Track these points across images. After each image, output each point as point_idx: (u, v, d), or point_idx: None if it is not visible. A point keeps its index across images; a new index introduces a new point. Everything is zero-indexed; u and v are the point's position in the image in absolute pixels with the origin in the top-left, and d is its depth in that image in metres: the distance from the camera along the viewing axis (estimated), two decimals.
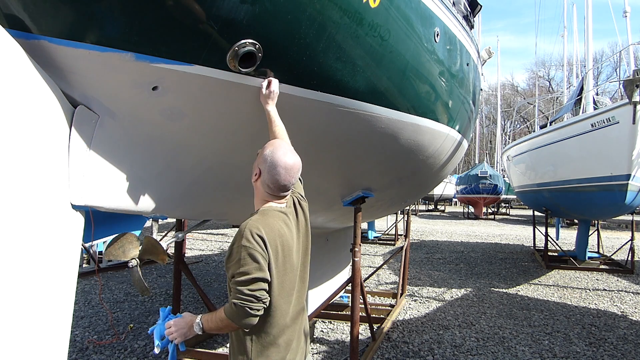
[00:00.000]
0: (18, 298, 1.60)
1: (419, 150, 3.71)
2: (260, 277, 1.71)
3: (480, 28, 20.03)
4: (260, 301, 1.71)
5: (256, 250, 1.71)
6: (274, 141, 1.96)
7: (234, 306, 1.70)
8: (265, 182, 1.86)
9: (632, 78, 6.55)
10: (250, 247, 1.70)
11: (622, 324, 5.82)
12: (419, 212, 31.17)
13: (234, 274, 1.71)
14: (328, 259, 5.54)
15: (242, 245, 1.71)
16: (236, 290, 1.69)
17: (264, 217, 1.82)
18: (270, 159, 1.85)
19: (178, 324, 1.84)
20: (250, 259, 1.70)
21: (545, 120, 17.04)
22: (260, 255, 1.71)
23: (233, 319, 1.72)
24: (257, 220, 1.79)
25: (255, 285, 1.70)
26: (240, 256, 1.70)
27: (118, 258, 2.45)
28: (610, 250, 12.28)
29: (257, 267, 1.70)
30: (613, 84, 28.17)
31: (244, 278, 1.69)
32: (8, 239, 1.56)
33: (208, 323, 1.80)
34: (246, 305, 1.68)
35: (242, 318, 1.70)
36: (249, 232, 1.73)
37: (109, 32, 1.74)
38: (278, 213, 1.88)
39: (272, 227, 1.79)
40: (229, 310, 1.73)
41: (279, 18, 1.97)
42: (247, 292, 1.68)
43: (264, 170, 1.86)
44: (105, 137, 2.00)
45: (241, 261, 1.70)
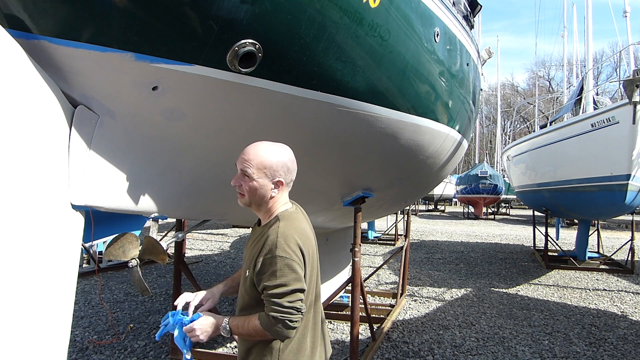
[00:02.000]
0: (18, 298, 1.60)
1: (419, 150, 3.71)
2: (299, 288, 1.64)
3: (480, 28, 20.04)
4: (300, 312, 1.65)
5: (294, 260, 1.63)
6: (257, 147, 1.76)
7: (272, 319, 1.62)
8: (287, 184, 1.79)
9: (632, 78, 6.54)
10: (287, 257, 1.62)
11: (622, 324, 5.82)
12: (419, 212, 31.17)
13: (268, 285, 1.62)
14: (328, 259, 5.54)
15: (278, 256, 1.62)
16: (273, 302, 1.62)
17: (292, 222, 1.74)
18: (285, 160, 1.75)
19: (204, 326, 1.74)
20: (288, 270, 1.62)
21: (545, 120, 17.04)
22: (298, 266, 1.65)
23: (271, 331, 1.64)
24: (289, 228, 1.70)
25: (294, 297, 1.63)
26: (275, 267, 1.62)
27: (118, 258, 2.45)
28: (610, 250, 12.28)
29: (296, 278, 1.63)
30: (613, 84, 28.21)
31: (282, 290, 1.61)
32: (8, 239, 1.56)
33: (238, 329, 1.71)
34: (286, 318, 1.61)
35: (282, 331, 1.63)
36: (284, 242, 1.64)
37: (109, 32, 1.74)
38: (298, 214, 1.82)
39: (303, 232, 1.74)
40: (266, 322, 1.64)
41: (279, 18, 1.97)
42: (286, 305, 1.61)
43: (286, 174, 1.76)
44: (105, 137, 2.00)
45: (277, 272, 1.62)
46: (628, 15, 13.41)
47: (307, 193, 3.62)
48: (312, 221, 2.25)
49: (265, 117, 2.42)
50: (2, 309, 1.54)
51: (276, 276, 1.61)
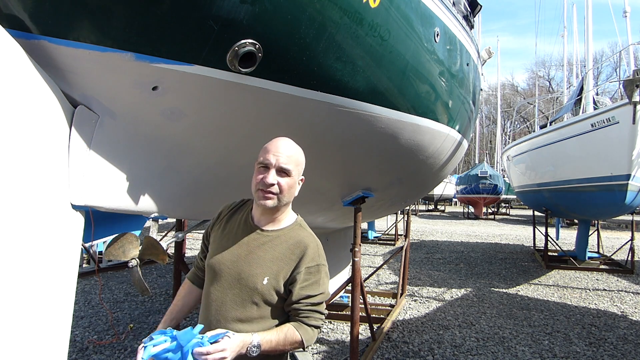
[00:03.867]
0: (18, 298, 1.60)
1: (419, 150, 3.71)
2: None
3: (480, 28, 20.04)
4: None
5: (327, 266, 1.66)
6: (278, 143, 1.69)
7: (314, 328, 1.59)
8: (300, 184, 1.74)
9: (632, 78, 6.54)
10: (325, 265, 1.64)
11: (622, 324, 5.82)
12: (419, 212, 31.17)
13: (312, 295, 1.58)
14: (328, 259, 5.52)
15: (321, 265, 1.62)
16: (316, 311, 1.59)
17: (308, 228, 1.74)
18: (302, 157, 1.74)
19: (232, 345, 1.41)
20: (326, 277, 1.63)
21: (545, 120, 17.04)
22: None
23: (308, 342, 1.59)
24: (313, 234, 1.71)
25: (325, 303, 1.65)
26: (320, 276, 1.61)
27: (118, 258, 2.45)
28: (610, 250, 12.28)
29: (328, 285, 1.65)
30: (613, 84, 28.16)
31: (323, 298, 1.61)
32: (8, 239, 1.56)
33: (271, 344, 1.51)
34: (321, 325, 1.62)
35: (314, 338, 1.62)
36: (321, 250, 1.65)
37: (109, 32, 1.75)
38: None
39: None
40: (309, 334, 1.59)
41: (279, 18, 1.97)
42: (324, 312, 1.63)
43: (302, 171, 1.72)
44: (105, 137, 2.00)
45: (320, 281, 1.60)
46: (628, 15, 13.42)
47: (307, 193, 3.62)
48: (313, 221, 2.25)
49: (265, 117, 2.42)
50: (2, 309, 1.54)
51: (319, 284, 1.60)
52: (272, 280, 1.57)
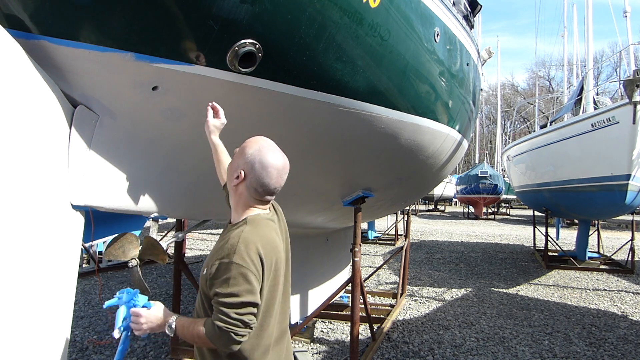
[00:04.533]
0: (18, 298, 1.60)
1: (419, 150, 3.71)
2: (251, 302, 1.50)
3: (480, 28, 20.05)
4: (248, 326, 1.52)
5: (250, 270, 1.50)
6: (257, 138, 1.72)
7: (217, 328, 1.49)
8: (252, 185, 1.64)
9: (632, 78, 6.55)
10: (244, 266, 1.49)
11: (622, 324, 5.82)
12: (419, 212, 31.17)
13: (219, 293, 1.49)
14: (328, 259, 5.54)
15: (234, 263, 1.49)
16: (220, 311, 1.49)
17: (257, 229, 1.61)
18: (259, 160, 1.63)
19: (149, 317, 1.60)
20: (242, 279, 1.48)
21: (545, 120, 17.05)
22: (254, 277, 1.51)
23: (214, 341, 1.51)
24: (252, 233, 1.57)
25: (244, 310, 1.50)
26: (230, 274, 1.48)
27: (118, 258, 2.45)
28: (610, 250, 12.28)
29: (249, 290, 1.49)
30: (613, 84, 28.18)
31: (232, 300, 1.48)
32: (8, 239, 1.56)
33: (183, 330, 1.58)
34: (231, 331, 1.48)
35: (225, 343, 1.50)
36: (244, 248, 1.51)
37: (109, 32, 1.75)
38: (268, 222, 1.69)
39: (268, 241, 1.60)
40: (211, 331, 1.51)
41: (279, 18, 1.97)
42: (233, 316, 1.48)
43: (250, 172, 1.63)
44: (105, 137, 2.00)
45: (230, 280, 1.48)
46: (628, 15, 13.42)
47: (307, 193, 3.62)
48: (312, 221, 2.24)
49: (265, 117, 2.42)
50: (3, 309, 1.54)
51: (229, 284, 1.48)
52: (207, 271, 1.58)
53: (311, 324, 4.92)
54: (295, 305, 4.70)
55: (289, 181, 3.40)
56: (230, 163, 1.75)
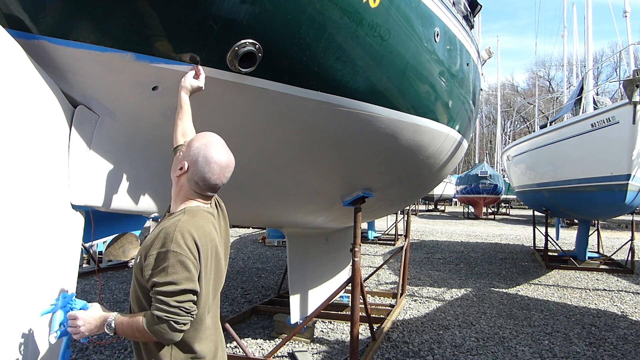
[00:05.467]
0: (18, 298, 1.60)
1: (419, 150, 3.71)
2: (190, 289, 1.49)
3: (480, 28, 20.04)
4: (189, 314, 1.50)
5: (187, 257, 1.49)
6: (205, 133, 1.72)
7: (156, 319, 1.47)
8: (193, 179, 1.64)
9: (632, 78, 6.54)
10: (181, 253, 1.48)
11: (622, 324, 5.82)
12: (419, 212, 31.16)
13: (158, 282, 1.47)
14: (328, 259, 5.54)
15: (171, 251, 1.47)
16: (159, 300, 1.46)
17: (194, 219, 1.60)
18: (203, 154, 1.63)
19: (86, 319, 1.56)
20: (180, 267, 1.47)
21: (545, 120, 17.04)
22: (192, 264, 1.50)
23: (154, 332, 1.48)
24: (188, 222, 1.56)
25: (184, 297, 1.48)
26: (167, 263, 1.47)
27: (118, 258, 2.46)
28: (610, 250, 12.28)
29: (188, 277, 1.48)
30: (613, 84, 28.17)
31: (171, 288, 1.46)
32: (8, 239, 1.56)
33: (122, 327, 1.54)
34: (171, 319, 1.46)
35: (166, 333, 1.48)
36: (180, 236, 1.50)
37: (109, 32, 1.75)
38: (206, 214, 1.67)
39: (204, 231, 1.59)
40: (151, 323, 1.48)
41: (279, 18, 1.97)
42: (173, 304, 1.46)
43: (193, 166, 1.63)
44: (105, 137, 2.01)
45: (169, 269, 1.46)
46: (628, 15, 13.42)
47: (307, 193, 3.62)
48: (312, 221, 2.24)
49: (265, 117, 2.43)
50: (3, 308, 1.54)
51: (167, 273, 1.47)
52: (140, 260, 1.56)
53: (311, 324, 4.92)
54: (295, 305, 4.71)
55: (289, 181, 3.41)
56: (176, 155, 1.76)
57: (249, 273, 8.72)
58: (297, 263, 4.78)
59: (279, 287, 6.63)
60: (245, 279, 8.10)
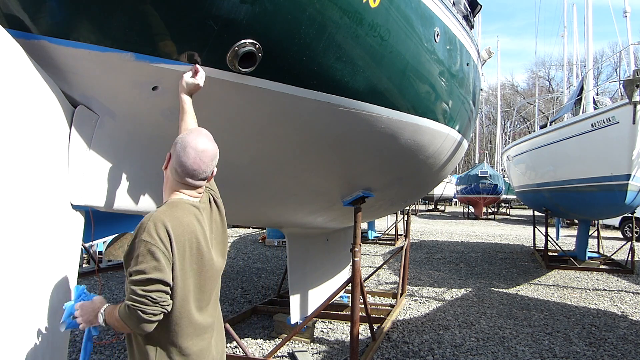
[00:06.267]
0: (18, 298, 1.60)
1: (419, 150, 3.71)
2: (158, 279, 1.48)
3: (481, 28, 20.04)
4: (157, 304, 1.48)
5: (157, 247, 1.49)
6: (194, 127, 1.79)
7: (126, 308, 1.48)
8: (173, 166, 1.66)
9: (632, 78, 6.54)
10: (151, 242, 1.48)
11: (622, 324, 5.82)
12: (419, 212, 31.16)
13: (130, 272, 1.49)
14: (328, 259, 5.54)
15: (142, 240, 1.48)
16: (130, 290, 1.47)
17: (172, 210, 1.60)
18: (181, 141, 1.66)
19: (85, 308, 1.62)
20: (149, 255, 1.47)
21: (545, 120, 17.03)
22: (162, 253, 1.49)
23: (126, 321, 1.50)
24: (164, 213, 1.57)
25: (151, 287, 1.47)
26: (138, 252, 1.48)
27: (118, 258, 2.46)
28: (610, 250, 12.28)
29: (156, 267, 1.48)
30: (613, 84, 28.19)
31: (139, 277, 1.46)
32: (8, 239, 1.56)
33: (109, 318, 1.57)
34: (138, 308, 1.45)
35: (135, 322, 1.48)
36: (152, 225, 1.51)
37: (109, 32, 1.75)
38: (189, 206, 1.66)
39: (180, 221, 1.58)
40: (122, 312, 1.50)
41: (279, 18, 1.97)
42: (140, 293, 1.45)
43: (173, 153, 1.67)
44: (105, 137, 2.01)
45: (139, 258, 1.47)
46: (628, 15, 13.40)
47: (307, 193, 3.62)
48: (312, 221, 2.24)
49: (265, 117, 2.43)
50: (3, 308, 1.54)
51: (137, 262, 1.48)
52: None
53: (311, 323, 4.92)
54: (295, 305, 4.71)
55: (289, 181, 3.41)
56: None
57: (249, 273, 8.72)
58: (297, 263, 4.78)
59: (279, 287, 6.63)
60: (245, 279, 8.11)
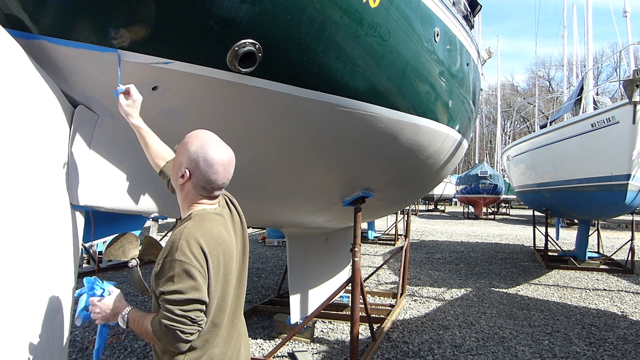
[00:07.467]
0: (18, 298, 1.60)
1: (419, 150, 3.71)
2: (196, 299, 1.46)
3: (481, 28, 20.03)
4: (195, 323, 1.47)
5: (193, 265, 1.46)
6: (198, 133, 1.64)
7: (163, 327, 1.45)
8: (199, 184, 1.59)
9: (632, 78, 6.54)
10: (186, 262, 1.45)
11: (622, 324, 5.82)
12: (419, 212, 31.16)
13: (164, 291, 1.45)
14: (328, 259, 5.54)
15: (177, 260, 1.45)
16: (166, 309, 1.45)
17: (201, 224, 1.55)
18: (203, 157, 1.56)
19: (104, 307, 1.60)
20: (186, 275, 1.45)
21: (545, 120, 17.03)
22: (198, 272, 1.47)
23: (161, 339, 1.48)
24: (195, 228, 1.52)
25: (190, 307, 1.45)
26: (173, 272, 1.45)
27: (118, 258, 2.45)
28: (610, 250, 12.28)
29: (193, 287, 1.45)
30: (613, 84, 28.19)
31: (177, 297, 1.44)
32: (8, 239, 1.56)
33: (134, 324, 1.55)
34: (177, 329, 1.44)
35: (172, 342, 1.47)
36: (185, 244, 1.47)
37: (109, 32, 1.74)
38: (215, 216, 1.62)
39: (212, 235, 1.54)
40: (158, 329, 1.47)
41: (279, 18, 1.97)
42: (178, 313, 1.44)
43: (195, 170, 1.57)
44: (105, 137, 2.01)
45: (175, 278, 1.44)
46: (628, 15, 13.41)
47: (307, 193, 3.62)
48: (312, 221, 2.24)
49: (265, 117, 2.43)
50: (2, 308, 1.54)
51: (173, 281, 1.45)
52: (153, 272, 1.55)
53: (311, 323, 4.92)
54: (295, 305, 4.71)
55: (289, 181, 3.41)
56: (173, 161, 1.69)
57: (249, 273, 8.71)
58: (297, 263, 4.78)
59: (279, 287, 6.63)
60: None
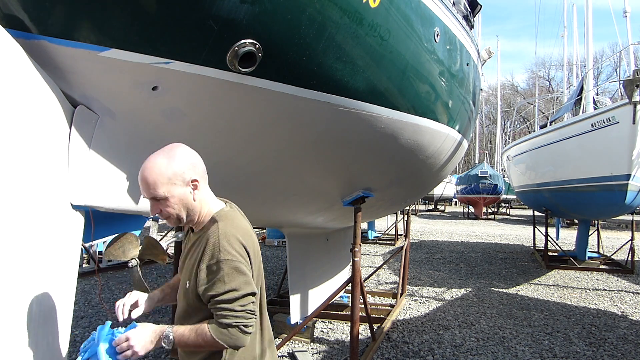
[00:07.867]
0: (18, 298, 1.60)
1: (419, 150, 3.71)
2: (251, 292, 1.51)
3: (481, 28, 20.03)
4: (254, 315, 1.53)
5: (239, 261, 1.50)
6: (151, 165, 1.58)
7: (224, 326, 1.48)
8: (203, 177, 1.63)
9: (632, 78, 6.55)
10: (233, 260, 1.49)
11: (622, 324, 5.82)
12: (419, 212, 31.16)
13: (217, 294, 1.48)
14: (328, 259, 5.54)
15: (222, 260, 1.48)
16: (224, 309, 1.48)
17: (230, 221, 1.59)
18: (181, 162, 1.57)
19: (140, 336, 1.50)
20: (236, 273, 1.48)
21: (545, 120, 17.03)
22: (246, 267, 1.51)
23: (224, 340, 1.49)
24: (228, 227, 1.56)
25: (245, 300, 1.50)
26: (222, 273, 1.47)
27: (118, 258, 2.45)
28: (610, 250, 12.28)
29: (246, 281, 1.50)
30: (613, 84, 28.18)
31: (234, 295, 1.48)
32: (8, 239, 1.56)
33: (183, 339, 1.52)
34: (241, 324, 1.48)
35: (235, 340, 1.49)
36: (227, 243, 1.50)
37: (109, 32, 1.75)
38: (235, 212, 1.67)
39: (244, 230, 1.60)
40: (219, 332, 1.48)
41: (279, 18, 1.97)
42: (239, 309, 1.48)
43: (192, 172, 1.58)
44: (105, 137, 2.00)
45: (225, 278, 1.47)
46: (628, 15, 13.41)
47: (307, 193, 3.62)
48: (312, 221, 2.24)
49: (265, 117, 2.43)
50: (3, 308, 1.54)
51: (224, 282, 1.47)
52: (192, 283, 1.56)
53: (311, 323, 4.92)
54: (295, 305, 4.71)
55: (289, 181, 3.41)
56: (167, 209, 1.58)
57: None
58: (297, 263, 4.78)
59: (279, 287, 6.63)
60: None
